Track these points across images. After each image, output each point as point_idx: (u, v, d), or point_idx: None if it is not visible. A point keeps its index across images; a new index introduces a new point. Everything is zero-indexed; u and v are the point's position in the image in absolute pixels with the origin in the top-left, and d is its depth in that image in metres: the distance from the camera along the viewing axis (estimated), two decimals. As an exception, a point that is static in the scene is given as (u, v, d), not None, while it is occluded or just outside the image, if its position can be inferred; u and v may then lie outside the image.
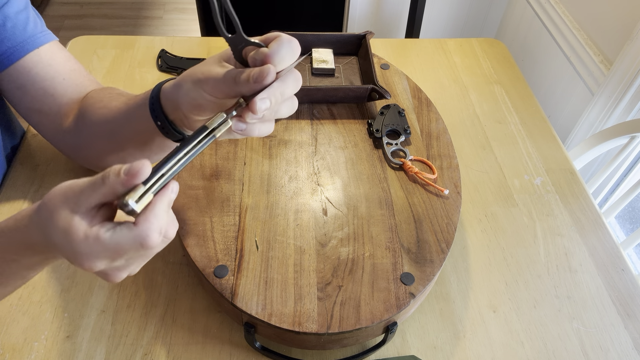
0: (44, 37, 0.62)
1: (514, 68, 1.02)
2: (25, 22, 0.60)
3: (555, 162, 0.83)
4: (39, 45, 0.61)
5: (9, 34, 0.59)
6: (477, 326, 0.62)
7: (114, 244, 0.34)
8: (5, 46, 0.59)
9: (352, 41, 0.86)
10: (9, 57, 0.60)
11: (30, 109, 0.64)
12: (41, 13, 2.69)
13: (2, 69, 0.60)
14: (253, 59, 0.44)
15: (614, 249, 0.71)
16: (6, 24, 0.58)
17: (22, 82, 0.61)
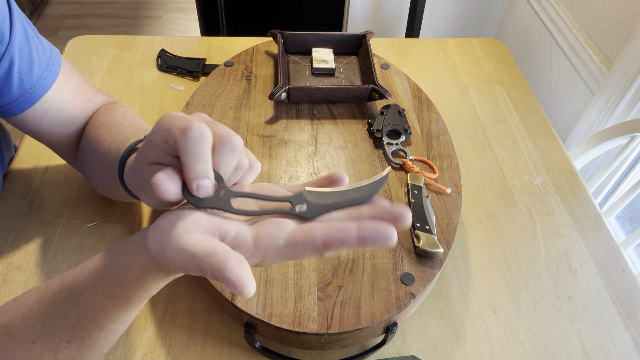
0: (50, 73, 0.57)
1: (514, 68, 1.02)
2: (29, 61, 0.55)
3: (556, 162, 0.83)
4: (46, 90, 0.57)
5: (16, 80, 0.54)
6: (478, 326, 0.62)
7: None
8: (14, 95, 0.55)
9: (352, 41, 0.85)
10: (19, 106, 0.56)
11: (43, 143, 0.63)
12: (41, 13, 2.69)
13: (11, 115, 0.57)
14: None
15: (614, 249, 0.71)
16: (12, 71, 0.53)
17: (34, 129, 0.59)
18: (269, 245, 0.31)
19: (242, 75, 0.81)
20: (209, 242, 0.30)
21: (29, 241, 0.66)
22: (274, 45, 0.88)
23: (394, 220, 0.31)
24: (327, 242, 0.30)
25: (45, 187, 0.73)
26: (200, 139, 0.31)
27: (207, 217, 0.32)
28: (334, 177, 0.36)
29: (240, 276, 0.27)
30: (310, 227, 0.31)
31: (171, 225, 0.31)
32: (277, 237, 0.31)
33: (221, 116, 0.73)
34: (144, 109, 0.86)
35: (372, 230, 0.30)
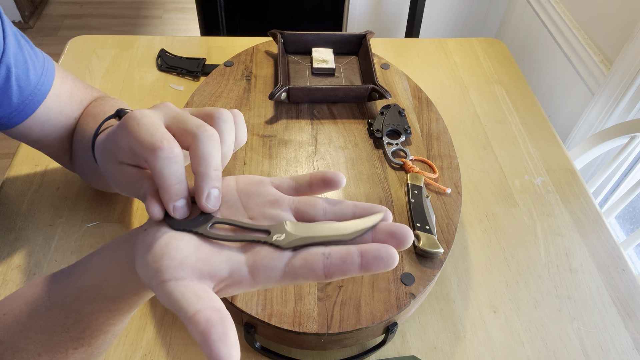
0: (46, 78, 0.57)
1: (515, 68, 1.02)
2: (25, 67, 0.54)
3: (556, 162, 0.83)
4: (45, 95, 0.56)
5: (14, 88, 0.53)
6: (478, 326, 0.62)
7: None
8: (14, 103, 0.54)
9: (352, 41, 0.85)
10: (21, 114, 0.55)
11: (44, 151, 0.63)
12: (41, 13, 2.69)
13: (13, 125, 0.56)
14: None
15: (614, 249, 0.71)
16: (10, 79, 0.53)
17: (36, 137, 0.59)
18: (267, 277, 0.29)
19: (242, 75, 0.81)
20: (196, 298, 0.27)
21: (29, 241, 0.66)
22: (274, 45, 0.88)
23: (396, 242, 0.29)
24: (329, 273, 0.29)
25: (45, 187, 0.73)
26: (172, 158, 0.30)
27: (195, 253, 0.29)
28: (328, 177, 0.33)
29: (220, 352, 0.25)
30: (310, 256, 0.29)
31: (157, 263, 0.29)
32: (275, 268, 0.29)
33: (221, 116, 0.73)
34: (144, 109, 0.86)
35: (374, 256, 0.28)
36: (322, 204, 0.33)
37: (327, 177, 0.34)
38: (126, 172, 0.34)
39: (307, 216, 0.33)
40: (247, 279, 0.29)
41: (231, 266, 0.30)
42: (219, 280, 0.29)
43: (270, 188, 0.34)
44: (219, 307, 0.27)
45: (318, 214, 0.32)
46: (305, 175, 0.34)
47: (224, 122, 0.34)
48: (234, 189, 0.34)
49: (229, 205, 0.33)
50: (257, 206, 0.33)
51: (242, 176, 0.35)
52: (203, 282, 0.29)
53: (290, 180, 0.35)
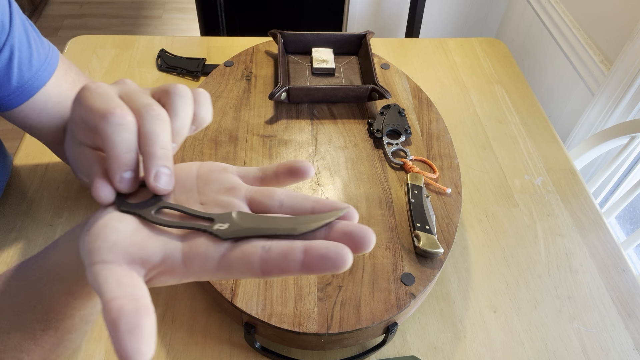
0: (49, 66, 0.57)
1: (515, 68, 1.02)
2: (29, 52, 0.55)
3: (556, 162, 0.83)
4: (44, 82, 0.56)
5: (15, 71, 0.54)
6: (478, 326, 0.62)
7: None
8: (13, 86, 0.54)
9: (352, 41, 0.85)
10: (19, 97, 0.55)
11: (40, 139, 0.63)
12: (41, 13, 2.69)
13: (10, 108, 0.56)
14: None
15: (614, 249, 0.71)
16: (13, 61, 0.53)
17: (33, 123, 0.59)
18: (201, 267, 0.27)
19: (242, 75, 0.81)
20: (116, 285, 0.25)
21: (29, 241, 0.66)
22: (274, 45, 0.88)
23: (352, 243, 0.26)
24: (266, 269, 0.26)
25: (45, 187, 0.73)
26: (123, 125, 0.28)
27: (131, 236, 0.28)
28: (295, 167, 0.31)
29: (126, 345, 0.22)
30: (248, 249, 0.26)
31: (92, 244, 0.27)
32: (210, 258, 0.27)
33: (221, 116, 0.73)
34: (144, 109, 0.86)
35: (320, 254, 0.25)
36: (280, 196, 0.30)
37: (294, 167, 0.31)
38: (84, 154, 0.32)
39: (261, 207, 0.30)
40: (180, 267, 0.28)
41: (165, 252, 0.28)
42: (150, 267, 0.28)
43: (231, 176, 0.32)
44: (139, 296, 0.25)
45: (273, 206, 0.30)
46: (272, 165, 0.32)
47: (179, 98, 0.31)
48: (194, 174, 0.32)
49: (185, 190, 0.32)
50: (211, 192, 0.31)
51: (207, 162, 0.33)
52: (132, 267, 0.27)
53: (257, 171, 0.33)
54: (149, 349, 0.23)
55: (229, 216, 0.29)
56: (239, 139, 0.70)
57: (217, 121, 0.72)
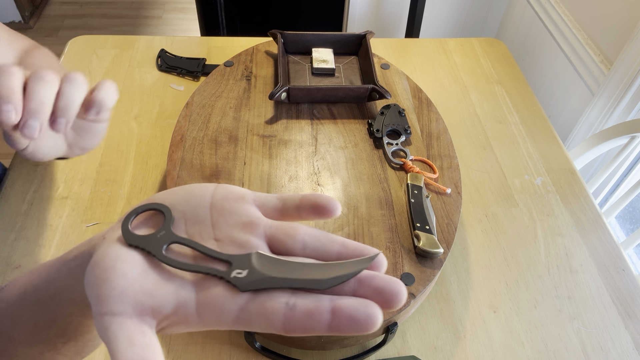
0: None
1: (515, 68, 1.02)
2: None
3: (556, 162, 0.83)
4: None
5: None
6: (478, 326, 0.62)
7: None
8: None
9: (352, 41, 0.85)
10: None
11: None
12: (41, 13, 2.69)
13: None
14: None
15: (614, 249, 0.71)
16: None
17: None
18: (217, 319, 0.25)
19: (242, 75, 0.81)
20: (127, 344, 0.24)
21: (29, 241, 0.66)
22: (274, 45, 0.88)
23: (383, 300, 0.24)
24: (289, 328, 0.24)
25: (45, 187, 0.73)
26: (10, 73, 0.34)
27: (139, 281, 0.26)
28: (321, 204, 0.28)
29: None
30: (270, 304, 0.24)
31: (98, 289, 0.25)
32: (228, 311, 0.25)
33: (221, 116, 0.73)
34: (144, 109, 0.86)
35: (349, 317, 0.23)
36: (303, 237, 0.27)
37: (319, 204, 0.28)
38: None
39: (282, 248, 0.27)
40: (194, 318, 0.25)
41: (178, 302, 0.26)
42: (162, 318, 0.26)
43: (249, 207, 0.29)
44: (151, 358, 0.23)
45: (296, 248, 0.27)
46: (294, 196, 0.29)
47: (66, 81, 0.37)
48: (208, 202, 0.29)
49: (197, 221, 0.29)
50: (227, 227, 0.28)
51: (222, 187, 0.30)
52: (143, 319, 0.25)
53: (277, 201, 0.29)
54: None
55: (248, 260, 0.26)
56: (239, 139, 0.70)
57: (217, 121, 0.72)
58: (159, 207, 0.29)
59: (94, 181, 0.74)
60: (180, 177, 0.64)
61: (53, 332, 0.34)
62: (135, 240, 0.27)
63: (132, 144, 0.80)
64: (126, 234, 0.27)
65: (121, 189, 0.73)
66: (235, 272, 0.25)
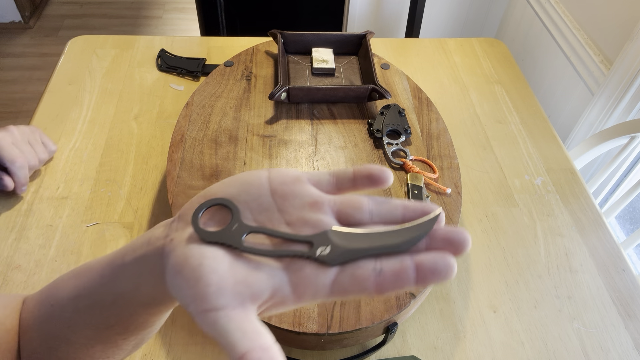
0: None
1: (515, 68, 1.02)
2: None
3: (556, 162, 0.83)
4: None
5: None
6: (478, 326, 0.62)
7: None
8: None
9: (352, 41, 0.85)
10: None
11: None
12: (41, 13, 2.69)
13: None
14: None
15: (614, 249, 0.71)
16: None
17: None
18: (313, 295, 0.27)
19: (242, 75, 0.81)
20: (242, 334, 0.25)
21: (29, 241, 0.66)
22: (274, 45, 0.88)
23: (454, 249, 0.26)
24: (381, 289, 0.26)
25: (45, 187, 0.73)
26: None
27: (231, 273, 0.27)
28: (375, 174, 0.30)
29: None
30: (360, 273, 0.26)
31: (193, 289, 0.26)
32: (322, 285, 0.27)
33: (221, 116, 0.73)
34: (144, 109, 0.86)
35: (431, 269, 0.25)
36: (368, 205, 0.29)
37: (373, 174, 0.30)
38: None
39: (351, 220, 0.29)
40: (291, 298, 0.27)
41: (273, 286, 0.27)
42: (261, 303, 0.27)
43: (308, 187, 0.30)
44: (267, 344, 0.25)
45: (364, 218, 0.29)
46: (346, 170, 0.31)
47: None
48: (267, 189, 0.30)
49: (263, 209, 0.29)
50: (294, 209, 0.29)
51: (275, 171, 0.30)
52: (245, 307, 0.26)
53: (330, 177, 0.31)
54: None
55: (327, 237, 0.28)
56: (239, 139, 0.70)
57: (217, 121, 0.72)
58: (223, 202, 0.29)
59: (94, 181, 0.74)
60: (180, 177, 0.64)
61: (115, 331, 0.35)
62: (211, 236, 0.28)
63: (132, 144, 0.80)
64: (200, 232, 0.28)
65: (121, 189, 0.73)
66: (319, 250, 0.27)
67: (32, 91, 2.19)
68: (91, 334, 0.35)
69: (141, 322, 0.34)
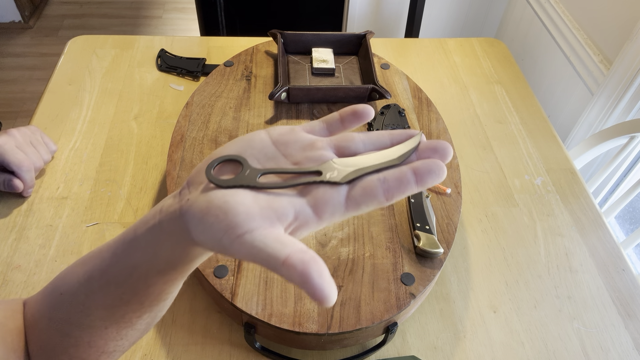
0: None
1: (514, 68, 1.02)
2: None
3: (556, 162, 0.83)
4: None
5: None
6: (478, 326, 0.62)
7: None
8: None
9: (352, 41, 0.85)
10: None
11: None
12: (41, 13, 2.69)
13: None
14: None
15: (614, 249, 0.71)
16: None
17: None
18: (332, 212, 0.30)
19: (242, 75, 0.81)
20: (279, 244, 0.27)
21: (29, 241, 0.66)
22: (274, 45, 0.88)
23: (440, 156, 0.31)
24: (389, 195, 0.29)
25: (45, 187, 0.73)
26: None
27: (255, 202, 0.29)
28: (358, 110, 0.34)
29: (323, 288, 0.25)
30: (368, 184, 0.30)
31: (223, 222, 0.28)
32: (338, 202, 0.30)
33: (221, 116, 0.73)
34: (144, 109, 0.86)
35: (427, 170, 0.29)
36: (359, 137, 0.33)
37: (357, 110, 0.34)
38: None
39: (348, 151, 0.33)
40: (313, 218, 0.30)
41: (295, 208, 0.30)
42: (287, 225, 0.29)
43: (304, 134, 0.34)
44: (304, 247, 0.27)
45: (358, 147, 0.33)
46: (333, 114, 0.35)
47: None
48: (268, 141, 0.33)
49: (269, 157, 0.33)
50: (297, 152, 0.33)
51: (272, 128, 0.34)
52: (275, 227, 0.29)
53: (320, 122, 0.35)
54: (334, 288, 0.26)
55: (331, 165, 0.31)
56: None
57: (217, 121, 0.72)
58: (232, 157, 0.32)
59: (94, 181, 0.74)
60: (180, 177, 0.64)
61: (130, 308, 0.36)
62: (227, 182, 0.30)
63: (132, 144, 0.80)
64: (216, 181, 0.30)
65: (121, 189, 0.73)
66: (328, 175, 0.31)
67: (32, 91, 2.19)
68: (106, 315, 0.36)
69: (157, 293, 0.36)
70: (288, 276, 0.26)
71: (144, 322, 0.38)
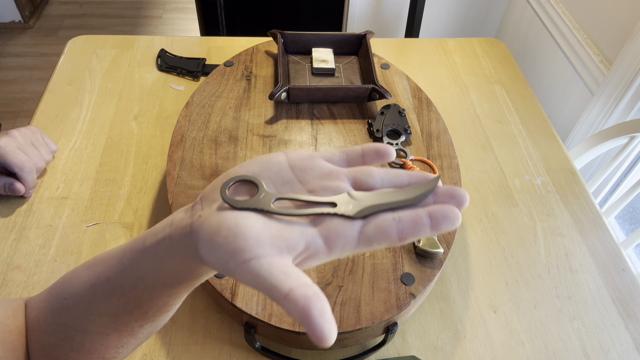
0: None
1: (514, 68, 1.02)
2: None
3: (556, 161, 0.83)
4: None
5: None
6: (478, 326, 0.62)
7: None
8: None
9: (352, 41, 0.85)
10: None
11: None
12: (41, 13, 2.69)
13: None
14: None
15: (614, 249, 0.71)
16: None
17: None
18: (343, 246, 0.29)
19: (242, 75, 0.81)
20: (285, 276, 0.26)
21: (29, 241, 0.66)
22: (274, 45, 0.88)
23: (456, 202, 0.30)
24: (402, 236, 0.29)
25: (45, 187, 0.73)
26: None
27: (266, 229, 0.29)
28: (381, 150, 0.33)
29: (323, 328, 0.25)
30: (382, 222, 0.29)
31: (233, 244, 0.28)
32: (350, 236, 0.29)
33: (221, 116, 0.73)
34: (144, 109, 0.86)
35: (442, 216, 0.29)
36: (379, 173, 0.33)
37: (380, 149, 0.34)
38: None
39: (365, 185, 0.33)
40: (324, 250, 0.29)
41: (306, 239, 0.29)
42: (296, 254, 0.29)
43: (323, 162, 0.34)
44: (309, 282, 0.27)
45: (376, 183, 0.33)
46: (355, 148, 0.34)
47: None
48: (285, 164, 0.33)
49: (285, 182, 0.32)
50: (314, 179, 0.33)
51: (291, 152, 0.34)
52: (283, 257, 0.28)
53: (341, 154, 0.34)
54: (335, 327, 0.25)
55: (347, 197, 0.31)
56: (239, 139, 0.70)
57: (217, 121, 0.72)
58: (248, 178, 0.32)
59: (93, 181, 0.74)
60: (180, 177, 0.64)
61: (132, 317, 0.36)
62: (241, 204, 0.30)
63: (132, 144, 0.80)
64: (231, 201, 0.30)
65: (121, 189, 0.73)
66: (343, 208, 0.30)
67: (32, 91, 2.19)
68: (108, 322, 0.36)
69: (160, 305, 0.35)
70: (289, 310, 0.25)
71: (145, 332, 0.38)
